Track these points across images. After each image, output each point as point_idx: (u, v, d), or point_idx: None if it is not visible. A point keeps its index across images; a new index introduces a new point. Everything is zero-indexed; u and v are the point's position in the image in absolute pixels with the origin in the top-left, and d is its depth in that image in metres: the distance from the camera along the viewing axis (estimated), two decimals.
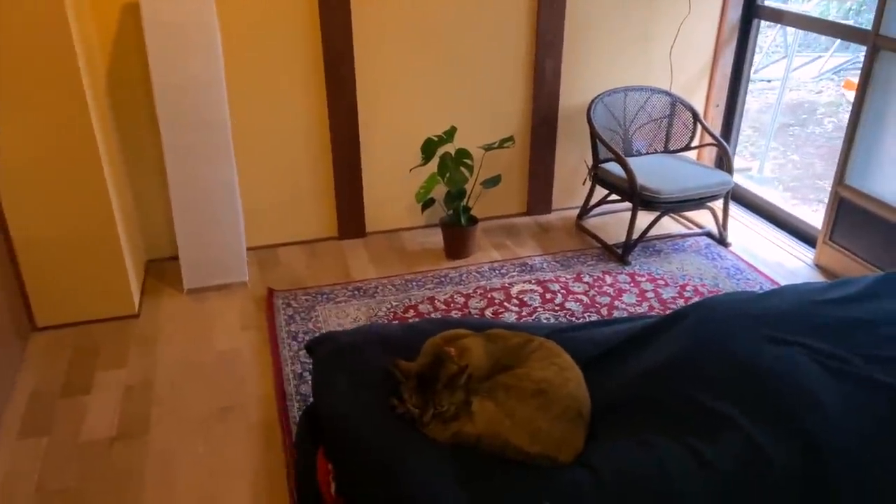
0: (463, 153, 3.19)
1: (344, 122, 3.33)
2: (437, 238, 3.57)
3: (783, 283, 3.12)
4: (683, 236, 3.56)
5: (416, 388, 1.35)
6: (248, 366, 2.66)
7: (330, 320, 2.91)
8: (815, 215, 3.77)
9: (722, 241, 3.47)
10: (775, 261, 3.33)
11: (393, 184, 3.55)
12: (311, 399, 1.67)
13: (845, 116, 6.38)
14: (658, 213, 3.34)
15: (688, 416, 1.31)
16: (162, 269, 3.32)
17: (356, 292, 3.11)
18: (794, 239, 3.51)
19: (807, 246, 3.42)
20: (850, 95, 6.58)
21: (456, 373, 1.34)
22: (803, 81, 7.12)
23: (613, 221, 3.76)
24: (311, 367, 2.56)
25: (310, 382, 2.53)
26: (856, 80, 6.80)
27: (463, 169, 3.18)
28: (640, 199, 3.19)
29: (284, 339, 2.79)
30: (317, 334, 2.79)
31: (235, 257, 3.15)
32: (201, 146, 2.90)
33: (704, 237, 3.56)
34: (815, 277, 3.19)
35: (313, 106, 3.29)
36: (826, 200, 4.64)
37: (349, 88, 3.27)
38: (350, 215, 3.55)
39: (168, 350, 2.76)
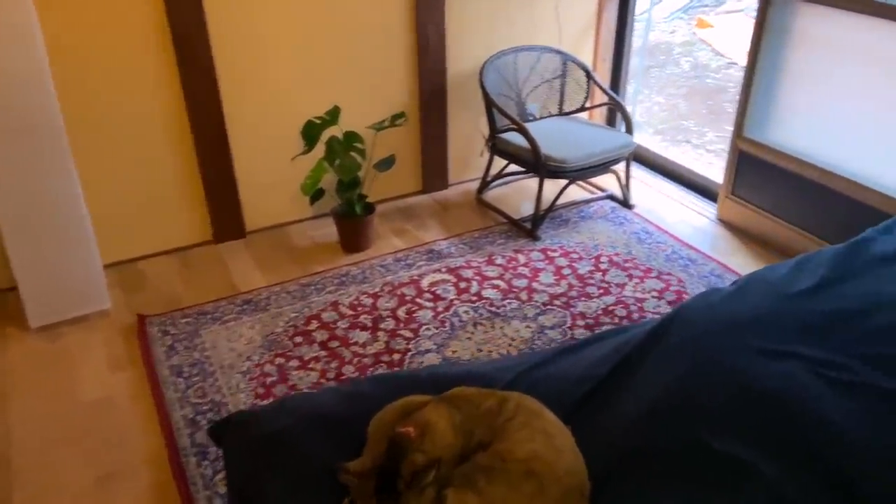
0: (352, 137, 2.83)
1: (205, 108, 2.85)
2: (329, 229, 3.21)
3: (691, 242, 3.06)
4: (587, 202, 3.42)
5: (373, 491, 1.05)
6: (127, 417, 2.23)
7: (220, 345, 2.50)
8: (684, 156, 3.72)
9: (626, 203, 3.37)
10: (679, 219, 3.27)
11: (272, 174, 3.13)
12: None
13: (700, 55, 6.53)
14: (564, 183, 3.17)
15: (700, 468, 1.11)
16: None
17: (246, 306, 2.71)
18: (695, 195, 3.46)
19: (709, 201, 3.38)
20: (703, 34, 6.73)
21: (423, 468, 1.05)
22: (656, 22, 7.22)
23: (514, 192, 3.56)
24: (205, 413, 2.18)
25: (206, 430, 2.14)
26: (705, 18, 6.94)
27: (354, 154, 2.82)
28: (546, 169, 2.99)
29: (167, 377, 2.36)
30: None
31: (91, 281, 2.64)
32: (30, 155, 2.35)
33: (608, 201, 3.44)
34: (720, 233, 3.16)
35: (165, 93, 2.79)
36: (692, 141, 4.73)
37: (206, 69, 2.79)
38: (225, 214, 3.10)
39: (21, 408, 2.26)
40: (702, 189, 3.48)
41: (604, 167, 3.11)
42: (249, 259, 3.04)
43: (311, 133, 2.84)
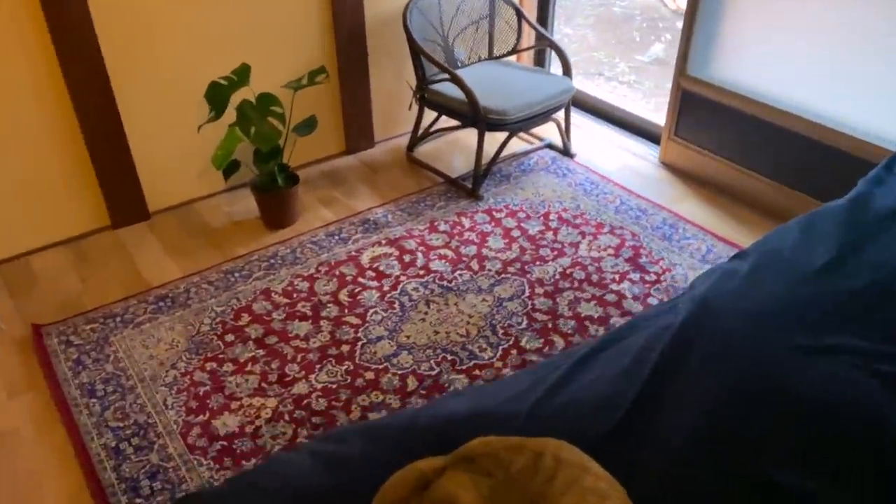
0: (268, 99, 2.47)
1: (87, 75, 2.41)
2: (246, 204, 2.86)
3: (637, 190, 2.92)
4: (526, 153, 3.21)
5: None
6: (34, 452, 1.89)
7: (136, 353, 2.16)
8: (597, 89, 3.54)
9: (566, 151, 3.18)
10: (621, 164, 3.12)
11: (174, 146, 2.73)
12: None
13: None
14: (503, 136, 2.93)
15: None
16: None
17: (161, 304, 2.36)
18: (635, 138, 3.32)
19: (650, 144, 3.25)
20: None
21: None
22: None
23: (446, 147, 3.30)
24: (130, 438, 1.87)
25: (133, 459, 1.84)
26: None
27: (272, 119, 2.47)
28: (486, 123, 2.74)
29: (78, 398, 2.02)
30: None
31: None
32: None
33: (547, 150, 3.24)
34: (665, 177, 3.03)
35: (37, 61, 2.32)
36: (605, 73, 4.59)
37: (84, 29, 2.34)
38: (122, 194, 2.69)
39: None
40: (638, 130, 3.34)
41: (545, 116, 2.89)
42: (157, 245, 2.66)
43: (217, 97, 2.46)
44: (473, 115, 2.74)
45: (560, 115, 3.09)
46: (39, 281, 2.48)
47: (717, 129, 2.86)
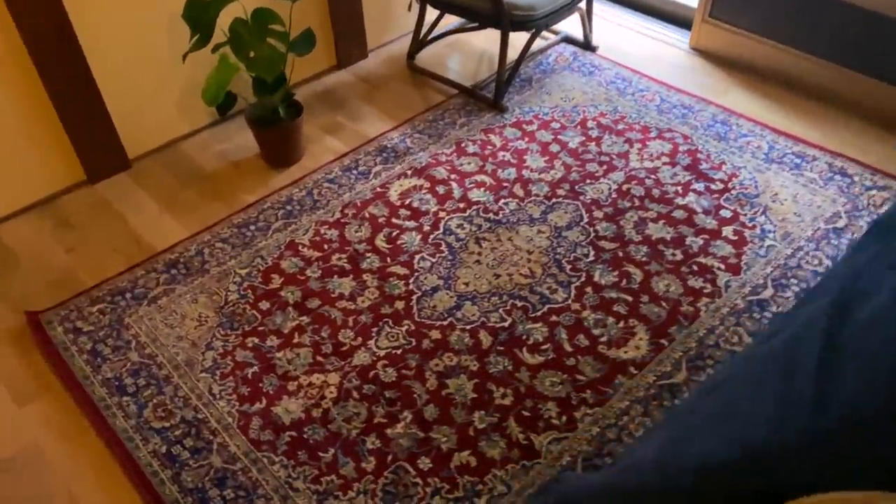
0: (264, 15, 2.05)
1: (37, 4, 1.95)
2: (240, 139, 2.49)
3: (674, 83, 2.64)
4: (542, 51, 2.87)
5: None
6: (68, 469, 1.63)
7: (160, 334, 1.88)
8: None
9: (587, 45, 2.85)
10: (649, 54, 2.82)
11: (148, 78, 2.31)
12: None
13: None
14: (530, 35, 2.58)
15: None
16: None
17: (174, 272, 2.05)
18: (654, 21, 2.99)
19: (677, 28, 2.93)
20: None
21: None
22: None
23: (448, 51, 2.92)
24: (182, 440, 1.63)
25: (192, 465, 1.61)
26: None
27: (273, 41, 2.07)
28: (511, 20, 2.39)
29: (106, 398, 1.74)
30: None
31: None
32: None
33: (564, 44, 2.90)
34: (701, 66, 2.76)
35: None
36: None
37: None
38: (95, 140, 2.29)
39: None
40: (657, 12, 3.02)
41: (571, 7, 2.54)
42: (148, 200, 2.30)
43: (200, 16, 2.03)
44: (495, 14, 2.37)
45: (581, 4, 2.73)
46: (18, 257, 2.13)
47: (762, 4, 2.56)
